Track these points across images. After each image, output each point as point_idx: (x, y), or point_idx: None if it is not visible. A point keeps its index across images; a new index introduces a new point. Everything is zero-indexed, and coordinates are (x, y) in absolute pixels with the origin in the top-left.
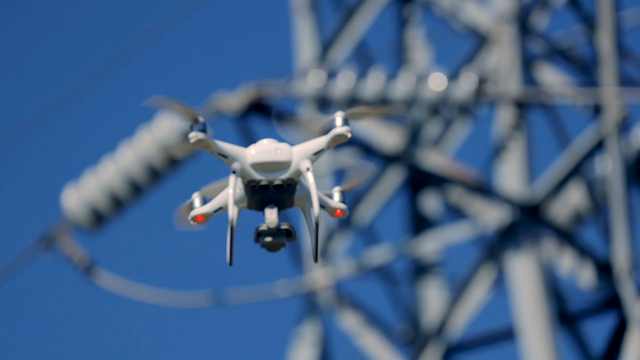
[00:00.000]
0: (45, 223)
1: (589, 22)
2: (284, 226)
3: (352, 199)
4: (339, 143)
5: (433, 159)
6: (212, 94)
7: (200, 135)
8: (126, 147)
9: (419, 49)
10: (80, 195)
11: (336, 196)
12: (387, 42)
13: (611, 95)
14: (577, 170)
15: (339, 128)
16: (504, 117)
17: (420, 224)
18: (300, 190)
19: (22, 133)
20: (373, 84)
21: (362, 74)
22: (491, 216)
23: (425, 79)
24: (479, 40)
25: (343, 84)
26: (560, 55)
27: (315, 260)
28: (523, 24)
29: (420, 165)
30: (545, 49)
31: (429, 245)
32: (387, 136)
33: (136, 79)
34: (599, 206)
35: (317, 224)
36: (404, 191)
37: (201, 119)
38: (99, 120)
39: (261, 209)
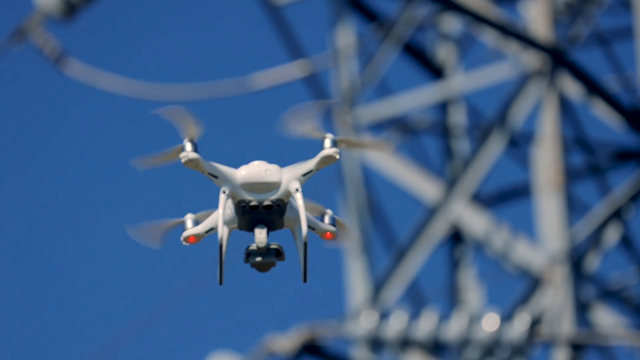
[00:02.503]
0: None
1: None
2: (274, 246)
3: None
4: (328, 164)
5: None
6: (264, 335)
7: (192, 155)
8: None
9: (471, 290)
10: None
11: (327, 219)
12: (439, 282)
13: None
14: None
15: (328, 150)
16: (559, 358)
17: None
18: (290, 212)
19: None
20: (426, 324)
21: (414, 315)
22: None
23: (479, 320)
24: (532, 280)
25: (396, 324)
26: (614, 296)
27: (304, 280)
28: (576, 265)
29: None
30: (598, 290)
31: None
32: None
33: (198, 305)
34: None
35: (305, 244)
36: None
37: (196, 140)
38: None
39: (251, 229)
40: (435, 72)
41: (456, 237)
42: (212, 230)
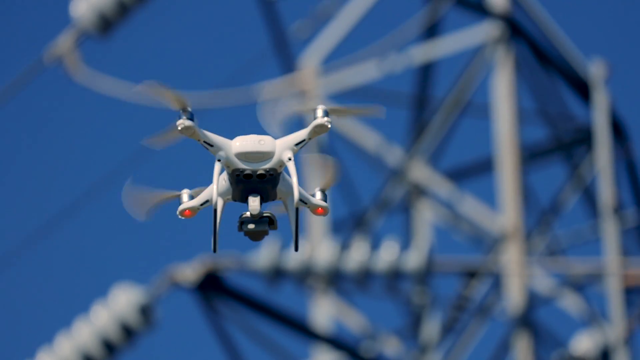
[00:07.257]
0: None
1: None
2: (267, 214)
3: None
4: (320, 134)
5: None
6: (167, 265)
7: (188, 123)
8: None
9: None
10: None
11: (318, 194)
12: None
13: None
14: None
15: (320, 119)
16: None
17: None
18: (282, 184)
19: None
20: (328, 255)
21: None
22: None
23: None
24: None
25: (297, 255)
26: None
27: (296, 249)
28: None
29: None
30: None
31: None
32: None
33: (101, 236)
34: None
35: (297, 210)
36: None
37: (189, 108)
38: None
39: (245, 199)
40: None
41: None
42: (207, 203)
